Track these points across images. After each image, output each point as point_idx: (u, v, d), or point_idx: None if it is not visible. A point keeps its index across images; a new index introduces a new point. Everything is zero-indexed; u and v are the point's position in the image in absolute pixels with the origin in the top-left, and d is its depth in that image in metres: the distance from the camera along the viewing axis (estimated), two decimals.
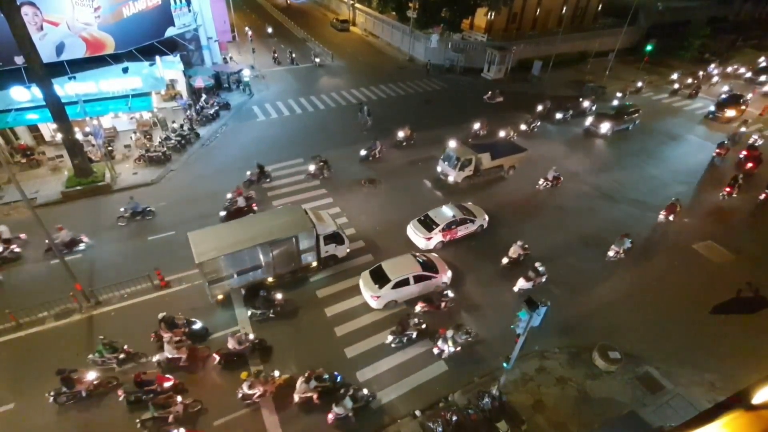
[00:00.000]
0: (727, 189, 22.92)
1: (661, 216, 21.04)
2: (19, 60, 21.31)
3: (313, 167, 22.97)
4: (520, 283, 16.62)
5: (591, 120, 30.34)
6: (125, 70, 24.82)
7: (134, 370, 12.87)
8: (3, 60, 22.27)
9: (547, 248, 18.93)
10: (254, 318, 15.06)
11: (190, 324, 14.20)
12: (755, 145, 26.87)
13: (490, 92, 34.34)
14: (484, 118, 28.88)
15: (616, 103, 33.27)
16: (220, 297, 15.55)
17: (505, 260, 17.94)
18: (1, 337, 14.30)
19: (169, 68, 28.00)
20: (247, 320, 15.21)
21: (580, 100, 33.34)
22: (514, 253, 17.85)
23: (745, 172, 24.60)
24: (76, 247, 17.73)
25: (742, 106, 32.76)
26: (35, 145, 24.58)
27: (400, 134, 26.95)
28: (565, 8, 46.29)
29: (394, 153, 26.34)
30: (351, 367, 13.87)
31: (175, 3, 28.59)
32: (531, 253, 18.00)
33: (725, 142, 27.13)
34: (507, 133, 27.81)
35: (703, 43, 46.18)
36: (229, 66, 35.36)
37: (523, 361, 14.09)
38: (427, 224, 18.69)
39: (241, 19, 52.36)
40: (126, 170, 23.23)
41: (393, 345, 14.40)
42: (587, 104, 32.96)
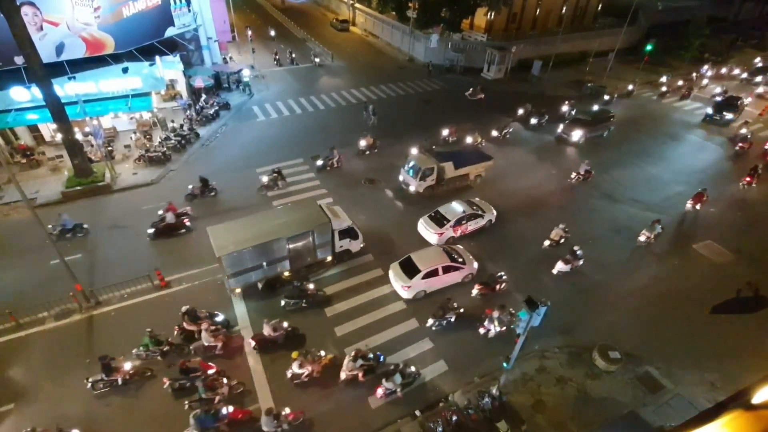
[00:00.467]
0: (747, 178, 23.48)
1: (689, 205, 21.57)
2: (19, 60, 21.31)
3: (266, 178, 21.68)
4: (559, 266, 17.39)
5: (562, 127, 28.76)
6: (125, 70, 24.84)
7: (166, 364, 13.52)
8: (3, 60, 22.26)
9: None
10: (287, 307, 15.55)
11: (212, 316, 14.65)
12: None
13: (471, 89, 34.77)
14: (453, 126, 27.75)
15: (595, 108, 31.53)
16: (238, 290, 15.93)
17: (546, 242, 18.90)
18: (2, 338, 14.30)
19: (169, 68, 28.01)
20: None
21: (568, 102, 32.21)
22: (556, 236, 18.75)
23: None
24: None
25: (740, 109, 32.13)
26: (35, 146, 24.58)
27: (362, 143, 25.64)
28: (565, 8, 46.31)
29: (355, 163, 24.96)
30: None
31: (175, 3, 28.60)
32: (571, 236, 18.82)
33: (748, 136, 27.61)
34: (474, 139, 26.71)
35: (702, 43, 46.14)
36: (228, 66, 35.36)
37: (523, 361, 14.10)
38: (438, 220, 19.06)
39: (241, 19, 52.41)
40: (126, 170, 23.24)
41: (433, 328, 15.06)
42: (566, 108, 31.62)
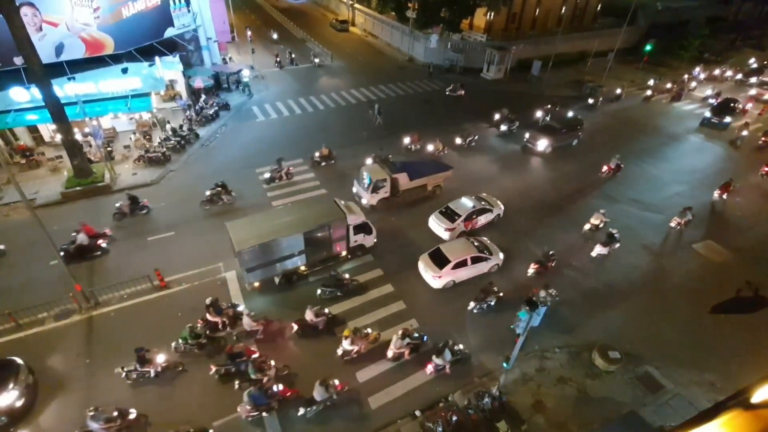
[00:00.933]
0: (766, 168, 24.35)
1: (716, 194, 22.52)
2: (19, 61, 21.28)
3: (208, 192, 20.49)
4: (597, 249, 18.36)
5: (528, 135, 27.39)
6: (125, 71, 24.81)
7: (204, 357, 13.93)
8: (2, 61, 22.24)
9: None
10: (324, 296, 16.02)
11: (234, 307, 15.06)
12: None
13: (452, 85, 35.22)
14: (415, 132, 26.83)
15: (570, 114, 30.42)
16: (256, 285, 16.14)
17: (587, 226, 19.74)
18: (2, 338, 14.30)
19: (169, 69, 27.99)
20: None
21: (548, 106, 31.52)
22: (596, 220, 19.57)
23: None
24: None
25: (738, 112, 31.86)
26: (35, 146, 24.56)
27: (317, 154, 24.54)
28: (564, 8, 46.31)
29: (308, 174, 23.81)
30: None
31: (175, 3, 28.59)
32: (609, 221, 19.66)
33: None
34: (436, 147, 25.82)
35: (702, 43, 46.20)
36: (228, 66, 35.35)
37: (523, 361, 14.10)
38: (449, 215, 19.26)
39: (241, 20, 52.40)
40: (125, 171, 23.23)
41: (475, 311, 15.73)
42: (540, 114, 30.46)
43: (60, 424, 12.08)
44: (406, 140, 26.61)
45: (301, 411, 12.16)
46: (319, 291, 16.10)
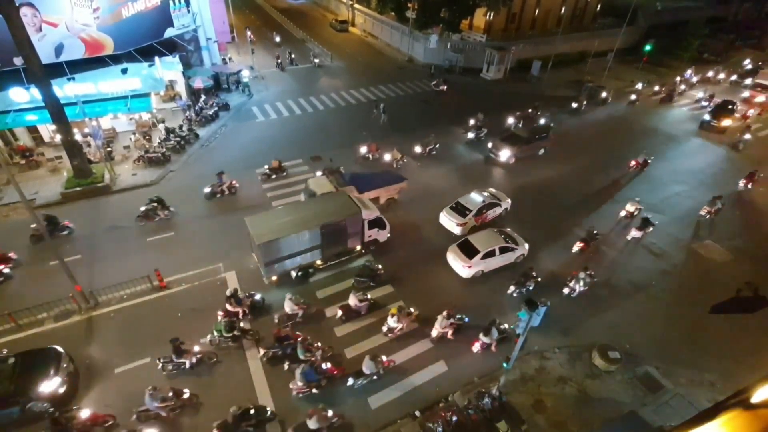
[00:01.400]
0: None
1: (741, 183, 23.59)
2: (18, 61, 21.27)
3: (143, 207, 19.50)
4: (633, 233, 19.66)
5: (491, 144, 26.04)
6: (124, 71, 24.79)
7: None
8: (2, 61, 22.22)
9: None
10: (358, 285, 16.54)
11: (252, 296, 15.50)
12: None
13: (436, 80, 36.39)
14: (371, 141, 25.51)
15: (543, 121, 29.14)
16: (274, 278, 16.45)
17: (623, 213, 21.00)
18: (2, 338, 14.28)
19: (168, 69, 28.00)
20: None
21: (528, 110, 30.75)
22: (632, 207, 20.88)
23: None
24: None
25: (737, 114, 31.55)
26: (34, 146, 24.52)
27: (265, 167, 23.09)
28: (564, 8, 46.33)
29: (256, 188, 22.37)
30: None
31: (174, 4, 28.58)
32: (643, 208, 20.87)
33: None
34: (394, 157, 24.48)
35: (702, 43, 46.23)
36: (228, 67, 35.36)
37: (523, 361, 14.11)
38: (460, 210, 19.52)
39: (240, 20, 52.38)
40: (125, 171, 23.22)
41: (514, 295, 16.44)
42: (512, 121, 29.24)
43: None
44: (363, 149, 25.08)
45: (350, 381, 13.00)
46: (353, 281, 16.74)
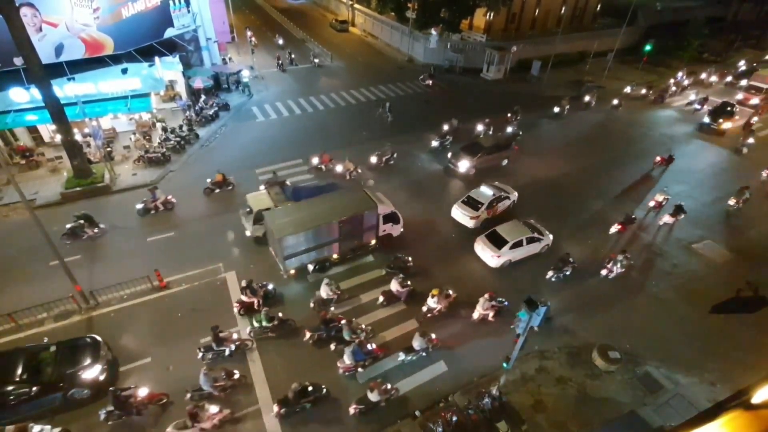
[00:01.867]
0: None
1: (764, 174, 24.66)
2: (18, 61, 21.28)
3: (69, 225, 18.07)
4: (665, 218, 20.51)
5: (451, 154, 24.87)
6: (124, 71, 24.79)
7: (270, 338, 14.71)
8: (2, 61, 22.22)
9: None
10: (389, 276, 16.82)
11: (265, 286, 15.85)
12: None
13: (423, 75, 37.62)
14: (326, 152, 24.35)
15: (510, 130, 27.95)
16: (292, 272, 16.73)
17: (651, 203, 21.83)
18: (2, 338, 14.28)
19: (168, 69, 27.99)
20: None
21: (508, 116, 29.75)
22: (660, 197, 21.57)
23: None
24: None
25: (737, 116, 31.18)
26: (34, 147, 24.52)
27: (208, 181, 21.59)
28: (564, 8, 46.33)
29: (199, 203, 21.07)
30: None
31: (174, 4, 28.58)
32: (671, 198, 21.72)
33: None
34: (346, 167, 23.16)
35: (701, 43, 46.18)
36: (228, 67, 35.35)
37: (523, 361, 14.11)
38: (472, 204, 19.98)
39: (240, 20, 52.38)
40: (125, 171, 23.22)
41: (553, 279, 17.22)
42: (481, 128, 28.00)
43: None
44: (315, 160, 24.04)
45: (401, 356, 13.75)
46: (384, 272, 17.26)
